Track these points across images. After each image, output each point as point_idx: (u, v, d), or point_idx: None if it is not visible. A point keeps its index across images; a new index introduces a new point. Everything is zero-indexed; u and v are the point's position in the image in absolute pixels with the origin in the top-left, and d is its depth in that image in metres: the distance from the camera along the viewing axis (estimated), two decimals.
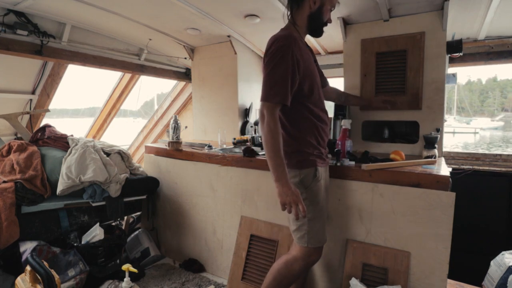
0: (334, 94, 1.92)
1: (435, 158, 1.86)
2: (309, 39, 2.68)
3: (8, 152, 2.24)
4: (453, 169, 2.46)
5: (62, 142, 2.42)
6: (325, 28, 1.48)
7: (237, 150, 2.38)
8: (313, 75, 1.47)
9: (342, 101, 2.00)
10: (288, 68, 1.33)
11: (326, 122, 1.56)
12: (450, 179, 1.46)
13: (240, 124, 3.08)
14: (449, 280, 1.92)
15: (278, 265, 1.52)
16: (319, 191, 1.48)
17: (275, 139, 1.32)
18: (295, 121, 1.44)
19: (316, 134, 1.49)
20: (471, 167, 2.53)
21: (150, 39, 2.86)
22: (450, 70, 2.53)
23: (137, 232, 2.64)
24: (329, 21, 1.52)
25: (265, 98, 1.34)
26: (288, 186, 1.31)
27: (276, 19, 2.41)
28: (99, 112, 3.52)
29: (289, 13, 1.49)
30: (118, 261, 2.11)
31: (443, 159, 1.95)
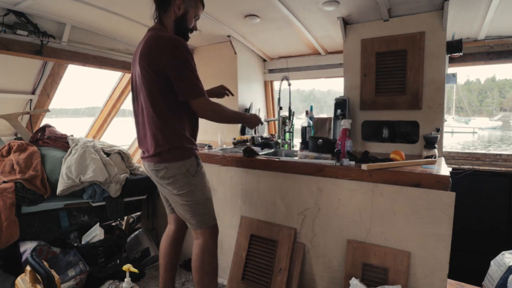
0: None
1: (435, 158, 1.86)
2: (308, 38, 2.68)
3: (8, 152, 2.24)
4: (453, 169, 2.46)
5: (62, 142, 2.42)
6: (325, 28, 1.48)
7: (237, 150, 2.38)
8: None
9: None
10: (194, 65, 1.50)
11: (197, 122, 1.72)
12: (450, 179, 1.47)
13: (240, 124, 3.07)
14: (449, 280, 1.92)
15: (200, 259, 1.64)
16: (204, 176, 1.66)
17: (227, 111, 1.64)
18: (179, 120, 1.54)
19: (192, 132, 1.64)
20: (471, 167, 2.53)
21: None
22: (450, 70, 2.54)
23: (137, 232, 2.64)
24: (195, 28, 1.66)
25: (201, 93, 1.50)
26: (250, 114, 1.81)
27: (276, 19, 2.41)
28: (99, 112, 3.51)
29: (156, 15, 1.59)
30: (118, 261, 2.11)
31: (443, 159, 1.95)
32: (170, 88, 1.47)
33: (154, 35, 1.50)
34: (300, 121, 2.46)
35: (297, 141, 2.61)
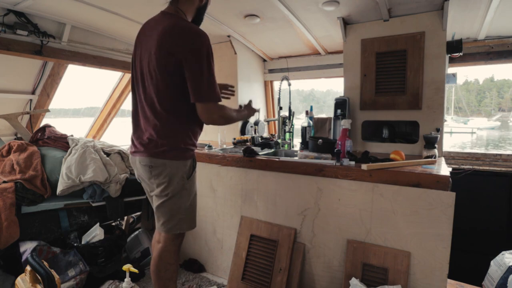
0: None
1: (435, 158, 1.86)
2: (308, 38, 2.68)
3: (8, 152, 2.23)
4: (453, 169, 2.46)
5: (62, 142, 2.42)
6: (325, 28, 1.48)
7: (237, 150, 2.38)
8: None
9: None
10: (213, 66, 1.42)
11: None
12: (450, 179, 1.47)
13: (240, 124, 3.08)
14: (449, 280, 1.92)
15: (155, 264, 1.56)
16: (195, 181, 1.59)
17: (231, 115, 1.54)
18: (188, 117, 1.47)
19: (197, 132, 1.57)
20: (471, 167, 2.53)
21: None
22: (450, 70, 2.54)
23: (137, 232, 2.63)
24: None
25: (216, 98, 1.41)
26: (248, 110, 1.81)
27: (276, 19, 2.41)
28: (99, 112, 3.52)
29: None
30: (118, 261, 2.11)
31: (443, 159, 1.95)
32: (184, 83, 1.37)
33: (176, 25, 1.37)
34: (300, 121, 2.46)
35: (297, 141, 2.61)
